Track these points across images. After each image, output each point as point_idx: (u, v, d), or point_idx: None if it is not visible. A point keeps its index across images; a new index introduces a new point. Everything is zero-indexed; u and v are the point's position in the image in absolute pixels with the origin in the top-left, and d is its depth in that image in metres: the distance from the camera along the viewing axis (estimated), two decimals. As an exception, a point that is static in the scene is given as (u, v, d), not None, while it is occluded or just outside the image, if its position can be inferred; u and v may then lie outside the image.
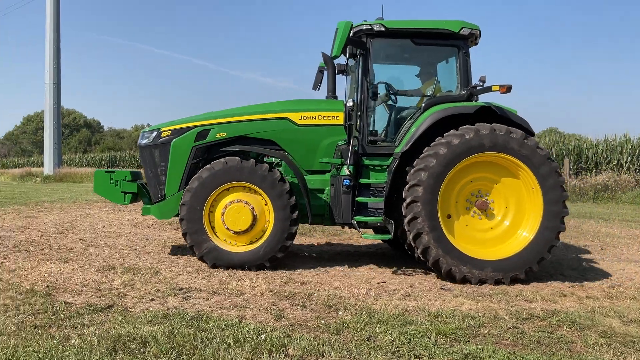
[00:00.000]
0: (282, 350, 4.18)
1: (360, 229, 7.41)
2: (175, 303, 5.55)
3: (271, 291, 6.04)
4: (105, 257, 7.98)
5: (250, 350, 4.13)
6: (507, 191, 6.98)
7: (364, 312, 5.22)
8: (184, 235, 7.37)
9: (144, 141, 8.13)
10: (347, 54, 7.44)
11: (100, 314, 5.10)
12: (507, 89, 6.99)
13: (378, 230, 7.55)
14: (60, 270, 6.98)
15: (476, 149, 6.69)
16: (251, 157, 7.64)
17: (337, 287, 6.30)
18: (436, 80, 7.84)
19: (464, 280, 6.65)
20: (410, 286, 6.45)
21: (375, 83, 7.62)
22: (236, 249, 7.34)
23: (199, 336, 4.43)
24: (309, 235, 10.51)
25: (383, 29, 7.18)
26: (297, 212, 7.30)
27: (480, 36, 7.43)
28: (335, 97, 8.19)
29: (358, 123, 7.33)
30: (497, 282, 6.67)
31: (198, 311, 5.21)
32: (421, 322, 4.96)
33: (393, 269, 7.45)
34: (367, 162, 7.37)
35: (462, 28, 7.14)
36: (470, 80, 7.29)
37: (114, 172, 8.17)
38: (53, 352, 4.04)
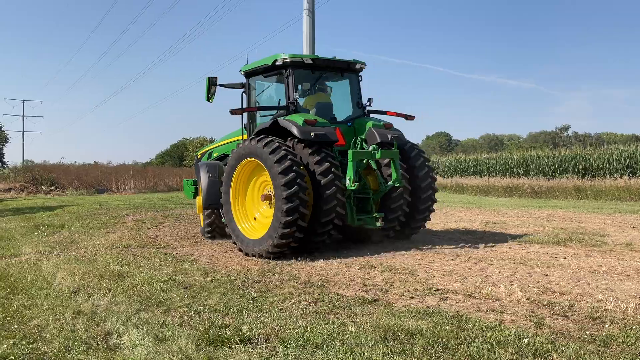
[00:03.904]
0: (547, 356, 4.19)
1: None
2: (433, 302, 5.90)
3: (528, 299, 6.00)
4: (364, 254, 8.83)
5: (513, 352, 4.24)
6: None
7: (634, 327, 4.89)
8: None
9: (193, 162, 12.99)
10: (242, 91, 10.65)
11: (368, 306, 5.72)
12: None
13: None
14: (329, 265, 7.92)
15: (242, 157, 9.13)
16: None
17: (601, 299, 5.95)
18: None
19: (247, 255, 9.05)
20: (692, 304, 5.79)
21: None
22: None
23: (461, 334, 4.69)
24: (564, 245, 9.98)
25: (242, 72, 10.46)
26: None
27: (307, 59, 9.66)
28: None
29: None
30: (260, 256, 8.71)
31: (457, 312, 5.48)
32: None
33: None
34: None
35: (275, 60, 9.63)
36: (289, 98, 9.59)
37: (188, 180, 12.62)
38: (335, 334, 4.71)
